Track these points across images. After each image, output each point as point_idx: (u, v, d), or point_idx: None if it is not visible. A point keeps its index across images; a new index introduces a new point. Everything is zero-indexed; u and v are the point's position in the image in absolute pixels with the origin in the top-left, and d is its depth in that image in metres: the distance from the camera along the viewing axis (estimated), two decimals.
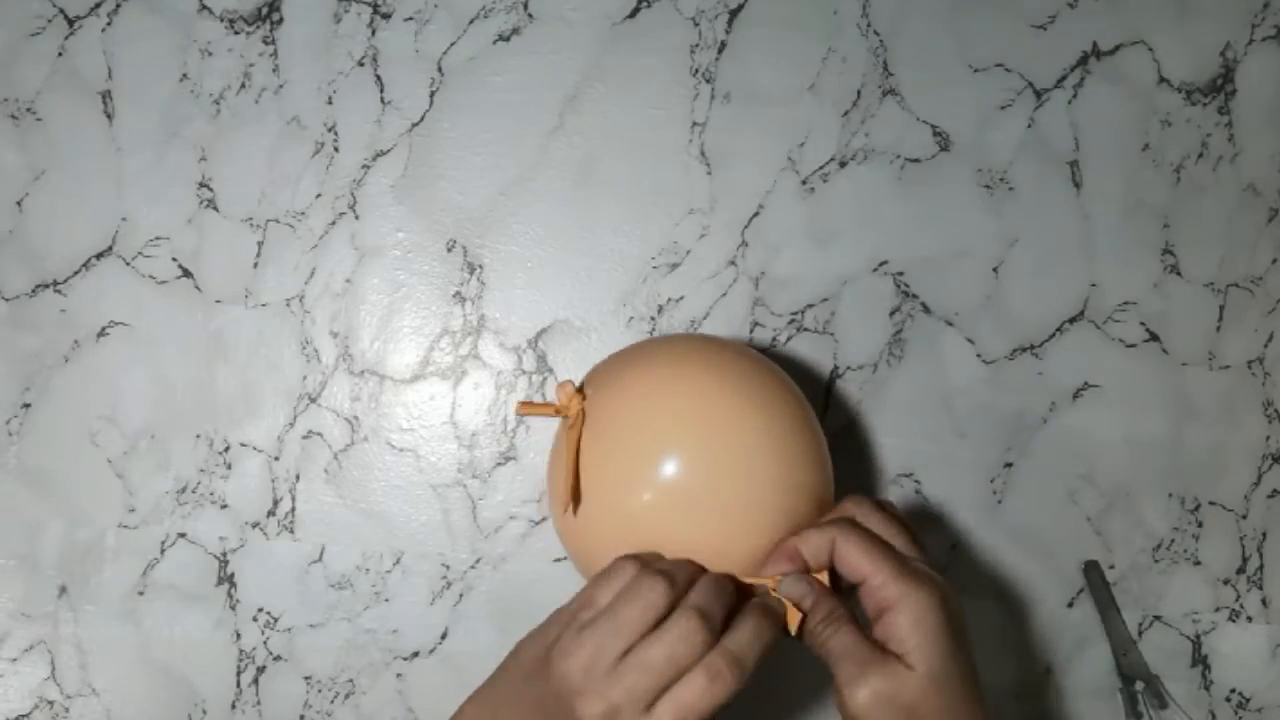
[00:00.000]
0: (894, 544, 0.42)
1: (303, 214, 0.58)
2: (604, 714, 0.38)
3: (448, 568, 0.58)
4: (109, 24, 0.58)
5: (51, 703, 0.57)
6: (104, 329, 0.58)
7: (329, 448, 0.58)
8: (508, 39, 0.59)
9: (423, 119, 0.59)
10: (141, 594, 0.57)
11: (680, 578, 0.41)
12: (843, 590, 0.42)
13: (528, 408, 0.49)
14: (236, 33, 0.59)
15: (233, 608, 0.58)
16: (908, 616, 0.39)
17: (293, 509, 0.58)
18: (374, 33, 0.59)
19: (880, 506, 0.44)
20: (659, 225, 0.59)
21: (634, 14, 0.59)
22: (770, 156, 0.60)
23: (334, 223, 0.59)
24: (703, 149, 0.59)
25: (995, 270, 0.60)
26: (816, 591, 0.41)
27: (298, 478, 0.58)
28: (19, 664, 0.57)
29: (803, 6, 0.60)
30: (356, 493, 0.58)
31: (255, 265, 0.58)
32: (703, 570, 0.43)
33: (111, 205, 0.58)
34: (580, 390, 0.47)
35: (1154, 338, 0.61)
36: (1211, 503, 0.61)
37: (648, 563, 0.41)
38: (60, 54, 0.58)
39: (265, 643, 0.58)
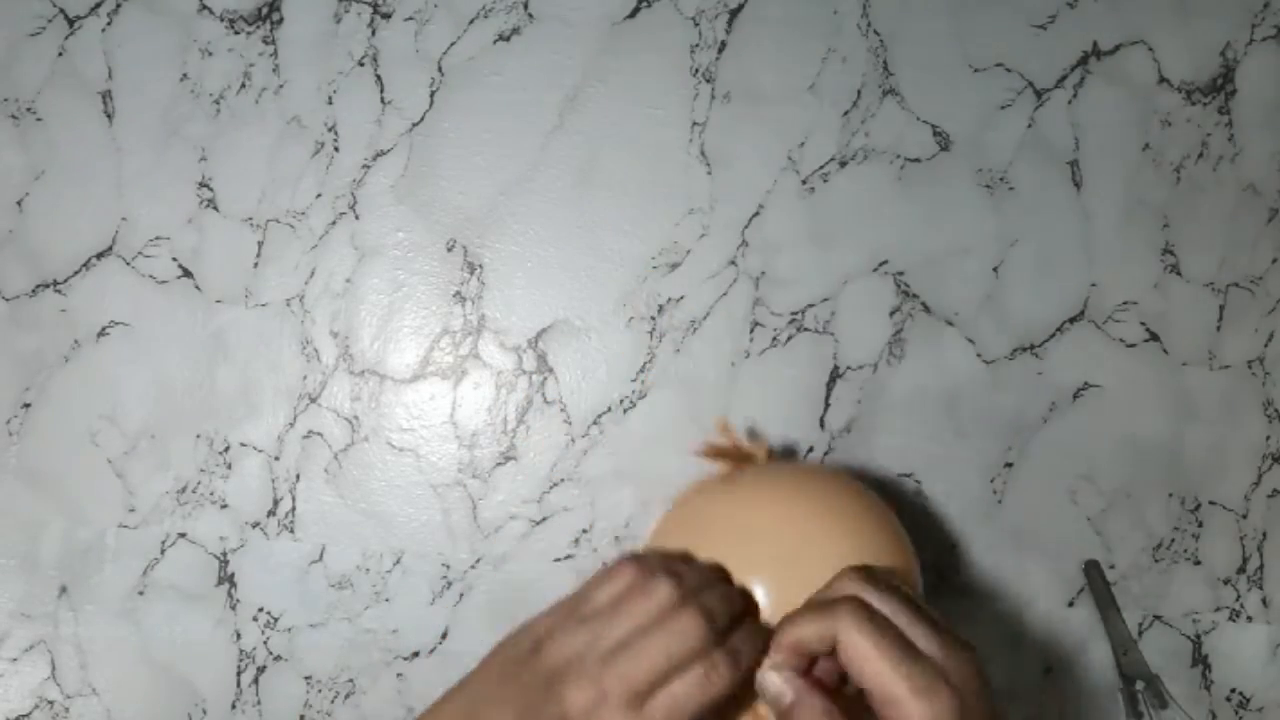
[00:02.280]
0: (910, 633, 0.36)
1: (303, 214, 0.58)
2: (591, 700, 0.36)
3: (448, 568, 0.58)
4: (109, 24, 0.58)
5: (51, 703, 0.57)
6: (104, 329, 0.58)
7: (329, 448, 0.58)
8: (508, 39, 0.59)
9: (423, 119, 0.59)
10: (141, 594, 0.57)
11: (690, 579, 0.40)
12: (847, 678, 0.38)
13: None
14: (236, 33, 0.59)
15: (233, 608, 0.58)
16: None
17: (293, 509, 0.58)
18: (374, 33, 0.59)
19: (883, 577, 0.39)
20: (659, 225, 0.59)
21: (634, 14, 0.59)
22: (770, 156, 0.60)
23: (334, 223, 0.59)
24: (703, 149, 0.59)
25: (995, 270, 0.60)
26: (797, 691, 0.37)
27: (298, 478, 0.58)
28: (19, 664, 0.57)
29: (803, 6, 0.60)
30: (356, 493, 0.58)
31: (255, 265, 0.58)
32: (713, 572, 0.42)
33: (111, 205, 0.58)
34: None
35: (1154, 338, 0.61)
36: (1211, 503, 0.61)
37: (652, 561, 0.41)
38: (60, 54, 0.58)
39: (265, 643, 0.58)
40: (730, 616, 0.39)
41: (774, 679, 0.37)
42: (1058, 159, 0.61)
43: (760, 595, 0.43)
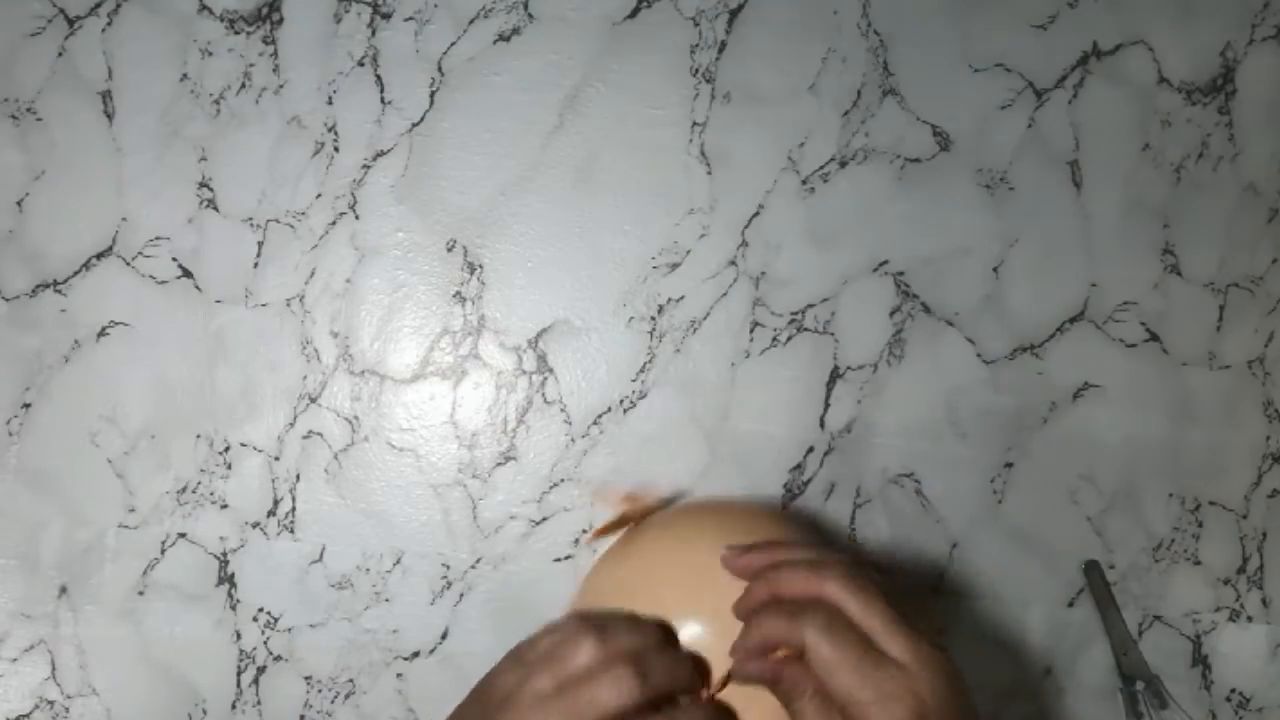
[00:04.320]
0: (880, 637, 0.37)
1: (303, 214, 0.58)
2: None
3: (448, 568, 0.58)
4: (109, 24, 0.58)
5: (51, 703, 0.57)
6: (104, 329, 0.58)
7: (329, 448, 0.58)
8: (508, 39, 0.59)
9: (423, 119, 0.59)
10: (141, 594, 0.57)
11: (614, 629, 0.40)
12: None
13: None
14: (236, 33, 0.59)
15: (233, 608, 0.58)
16: None
17: (293, 509, 0.58)
18: (374, 33, 0.59)
19: (858, 578, 0.39)
20: (659, 225, 0.59)
21: (634, 14, 0.59)
22: (770, 156, 0.60)
23: (334, 223, 0.59)
24: (703, 149, 0.59)
25: (995, 270, 0.60)
26: (778, 669, 0.38)
27: (298, 478, 0.58)
28: (19, 664, 0.57)
29: (803, 6, 0.60)
30: (356, 493, 0.58)
31: (255, 265, 0.58)
32: (642, 624, 0.42)
33: (111, 205, 0.58)
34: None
35: (1154, 338, 0.61)
36: (1211, 503, 0.61)
37: (589, 619, 0.41)
38: (60, 54, 0.58)
39: (265, 643, 0.58)
40: (670, 678, 0.39)
41: (752, 665, 0.38)
42: (1058, 159, 0.61)
43: (698, 635, 0.43)
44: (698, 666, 0.41)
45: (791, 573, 0.40)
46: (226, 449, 0.58)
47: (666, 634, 0.42)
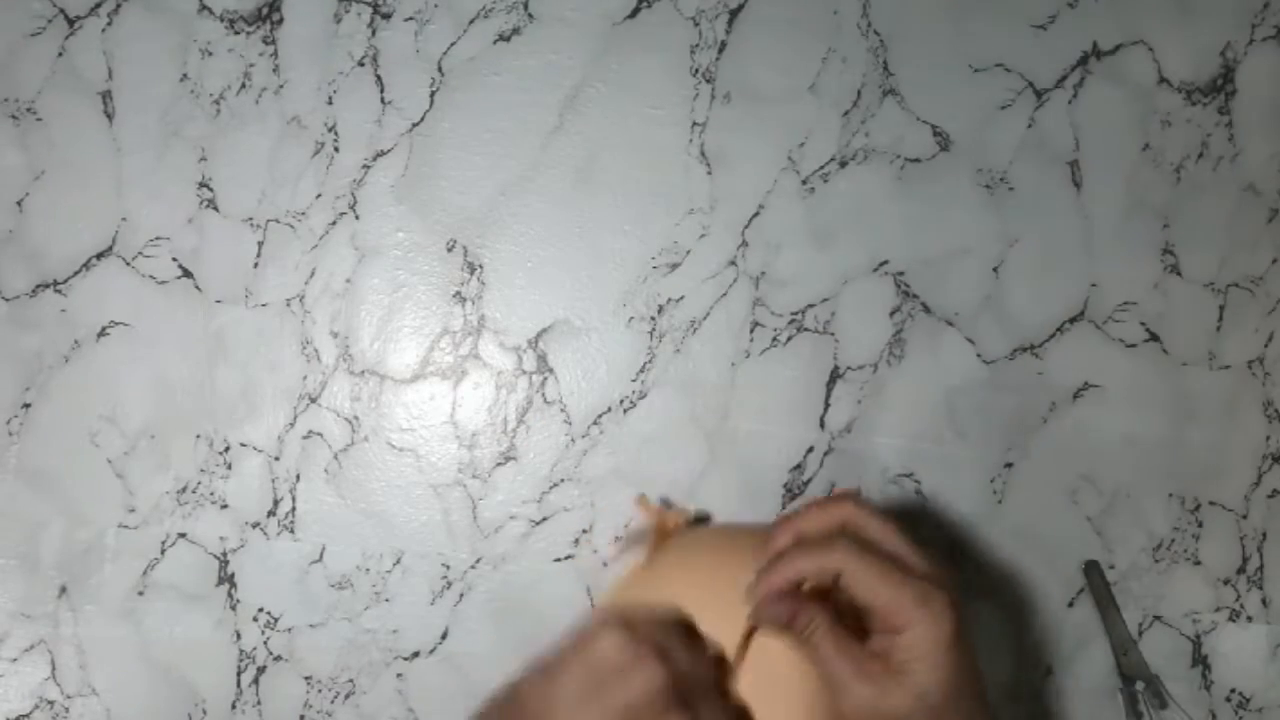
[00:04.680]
0: (901, 556, 0.39)
1: (303, 214, 0.58)
2: None
3: (448, 568, 0.58)
4: (109, 24, 0.58)
5: (51, 703, 0.57)
6: (104, 329, 0.58)
7: (329, 448, 0.58)
8: (508, 39, 0.59)
9: (423, 119, 0.59)
10: (141, 594, 0.57)
11: (638, 622, 0.39)
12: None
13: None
14: (236, 33, 0.59)
15: (233, 608, 0.58)
16: (919, 643, 0.37)
17: (293, 509, 0.58)
18: (374, 33, 0.59)
19: (870, 507, 0.42)
20: (659, 225, 0.59)
21: (634, 14, 0.59)
22: (770, 156, 0.60)
23: (334, 223, 0.59)
24: (703, 149, 0.59)
25: (995, 270, 0.60)
26: (795, 609, 0.39)
27: (298, 478, 0.58)
28: (19, 664, 0.57)
29: (803, 6, 0.60)
30: (356, 493, 0.58)
31: (255, 265, 0.58)
32: (665, 615, 0.42)
33: (111, 205, 0.58)
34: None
35: (1154, 338, 0.61)
36: (1211, 503, 0.61)
37: (612, 613, 0.41)
38: (60, 54, 0.58)
39: (265, 643, 0.58)
40: (694, 668, 0.39)
41: (778, 612, 0.39)
42: (1058, 159, 0.61)
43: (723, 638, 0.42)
44: (720, 662, 0.41)
45: (808, 514, 0.42)
46: (226, 449, 0.58)
47: (689, 626, 0.42)
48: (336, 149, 0.59)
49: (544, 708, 0.38)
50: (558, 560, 0.58)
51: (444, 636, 0.58)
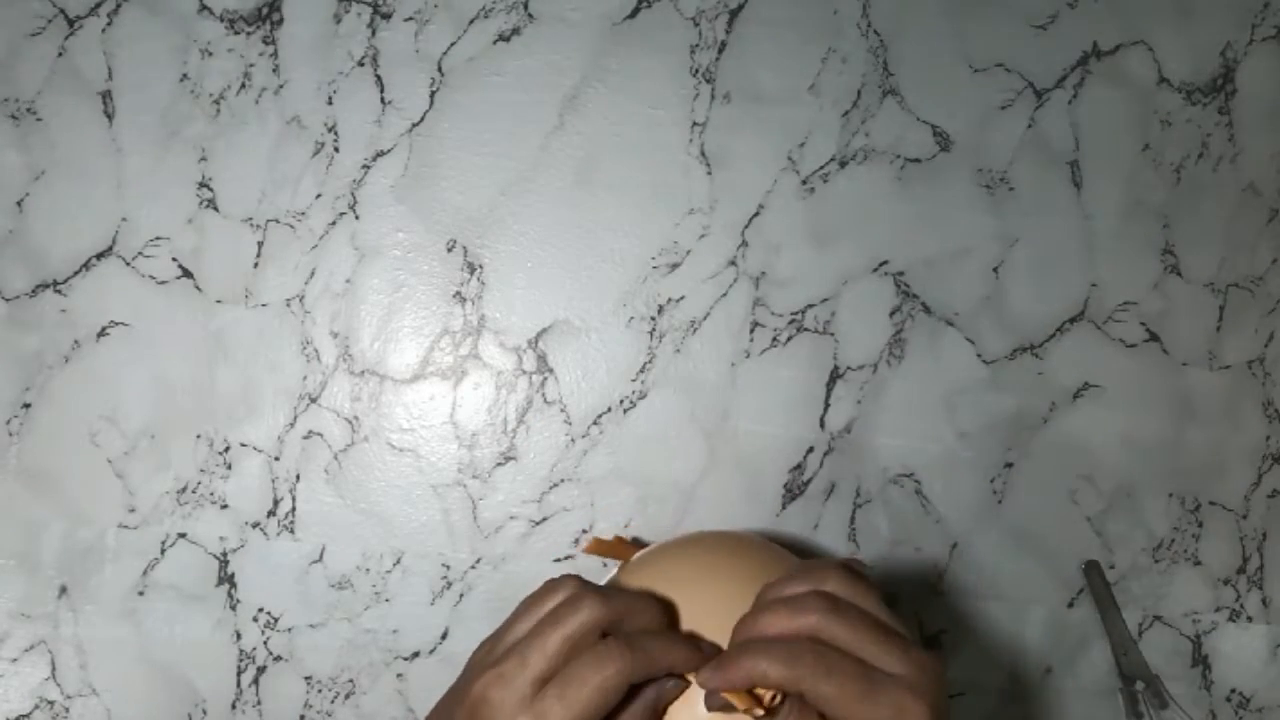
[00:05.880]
0: (877, 657, 0.36)
1: (303, 214, 0.58)
2: (491, 681, 0.36)
3: (448, 568, 0.58)
4: (109, 24, 0.58)
5: (51, 703, 0.57)
6: (104, 329, 0.58)
7: (329, 448, 0.58)
8: (508, 39, 0.59)
9: (423, 119, 0.59)
10: (141, 594, 0.57)
11: (589, 586, 0.40)
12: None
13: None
14: (236, 33, 0.59)
15: (233, 608, 0.58)
16: None
17: (293, 509, 0.58)
18: (374, 33, 0.59)
19: (850, 584, 0.38)
20: (659, 225, 0.59)
21: (634, 14, 0.59)
22: (770, 156, 0.60)
23: (334, 223, 0.59)
24: (703, 149, 0.59)
25: (995, 270, 0.60)
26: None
27: (298, 478, 0.58)
28: (19, 664, 0.57)
29: (803, 6, 0.60)
30: (356, 493, 0.58)
31: (255, 265, 0.58)
32: (640, 594, 0.41)
33: (111, 205, 0.58)
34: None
35: (1154, 338, 0.61)
36: (1211, 503, 0.61)
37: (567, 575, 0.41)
38: (60, 54, 0.58)
39: (265, 643, 0.58)
40: (638, 618, 0.39)
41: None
42: (1058, 159, 0.61)
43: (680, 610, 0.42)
44: (695, 648, 0.40)
45: (776, 611, 0.38)
46: (226, 449, 0.58)
47: (668, 610, 0.41)
48: (336, 149, 0.59)
49: (496, 649, 0.38)
50: (558, 560, 0.58)
51: (444, 636, 0.58)
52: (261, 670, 0.58)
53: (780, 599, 0.38)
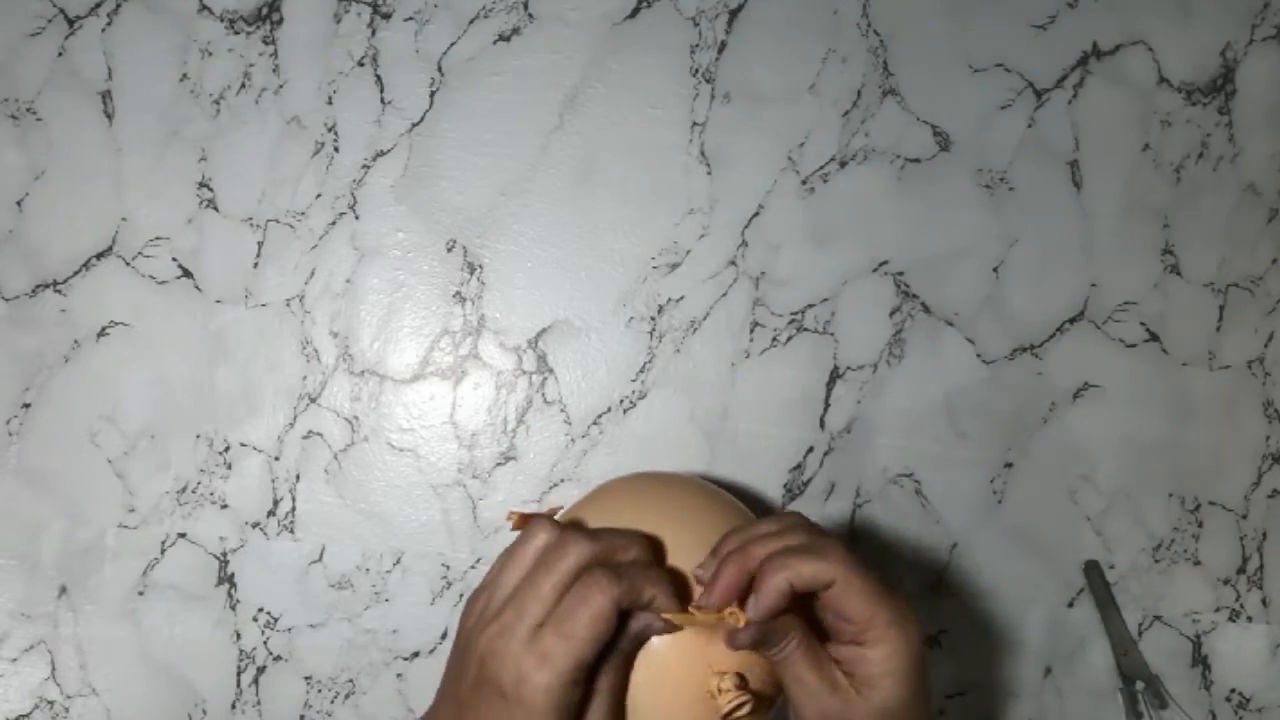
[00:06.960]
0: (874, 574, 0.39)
1: (303, 214, 0.58)
2: (494, 635, 0.38)
3: (448, 568, 0.58)
4: (109, 24, 0.58)
5: (51, 703, 0.57)
6: (104, 329, 0.58)
7: (329, 448, 0.58)
8: (508, 39, 0.59)
9: (423, 119, 0.59)
10: (141, 594, 0.57)
11: (569, 527, 0.41)
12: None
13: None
14: (236, 33, 0.59)
15: (233, 608, 0.58)
16: (890, 660, 0.38)
17: (293, 509, 0.58)
18: (374, 33, 0.59)
19: (813, 527, 0.42)
20: (659, 225, 0.59)
21: (634, 14, 0.59)
22: (770, 156, 0.60)
23: (334, 223, 0.59)
24: (703, 149, 0.59)
25: (995, 270, 0.60)
26: (769, 629, 0.39)
27: (298, 478, 0.58)
28: (19, 664, 0.57)
29: (803, 6, 0.60)
30: (356, 493, 0.58)
31: (255, 265, 0.58)
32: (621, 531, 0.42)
33: (111, 205, 0.58)
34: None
35: (1154, 338, 0.61)
36: (1211, 503, 0.61)
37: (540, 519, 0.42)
38: (60, 54, 0.58)
39: (265, 643, 0.58)
40: (625, 553, 0.40)
41: (752, 630, 0.38)
42: (1058, 159, 0.61)
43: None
44: (678, 585, 0.41)
45: (781, 525, 0.41)
46: (226, 449, 0.58)
47: (653, 545, 0.42)
48: (336, 149, 0.59)
49: (491, 604, 0.39)
50: None
51: (444, 636, 0.58)
52: (261, 670, 0.58)
53: (760, 523, 0.42)
